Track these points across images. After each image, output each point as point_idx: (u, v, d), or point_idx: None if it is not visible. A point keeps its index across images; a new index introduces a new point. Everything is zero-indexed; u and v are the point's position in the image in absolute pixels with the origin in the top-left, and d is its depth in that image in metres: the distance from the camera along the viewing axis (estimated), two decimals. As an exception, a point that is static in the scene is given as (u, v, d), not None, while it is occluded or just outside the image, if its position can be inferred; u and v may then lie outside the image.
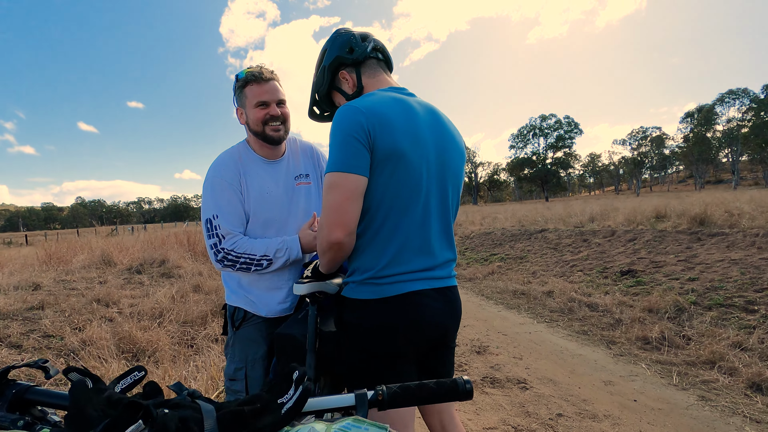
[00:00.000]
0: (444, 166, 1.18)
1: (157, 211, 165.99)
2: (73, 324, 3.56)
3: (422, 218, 1.14)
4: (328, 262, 1.16)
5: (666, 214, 8.76)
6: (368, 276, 1.11)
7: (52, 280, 5.33)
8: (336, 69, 1.27)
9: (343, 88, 1.29)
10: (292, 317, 1.35)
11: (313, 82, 1.34)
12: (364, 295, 1.12)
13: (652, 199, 19.12)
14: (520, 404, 2.65)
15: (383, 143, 1.06)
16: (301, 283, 1.22)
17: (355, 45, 1.24)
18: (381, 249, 1.11)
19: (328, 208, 1.05)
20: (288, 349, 1.20)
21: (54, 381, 2.75)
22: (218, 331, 4.04)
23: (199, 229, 12.78)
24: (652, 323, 3.99)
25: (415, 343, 1.12)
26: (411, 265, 1.12)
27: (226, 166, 1.50)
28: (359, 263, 1.14)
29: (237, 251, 1.42)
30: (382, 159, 1.07)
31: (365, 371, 1.11)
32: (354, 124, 1.06)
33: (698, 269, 5.20)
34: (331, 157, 1.08)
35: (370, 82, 1.25)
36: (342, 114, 1.09)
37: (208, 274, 6.38)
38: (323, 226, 1.08)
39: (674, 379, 2.92)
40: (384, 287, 1.10)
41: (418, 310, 1.11)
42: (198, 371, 2.85)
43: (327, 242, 1.07)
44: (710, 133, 62.70)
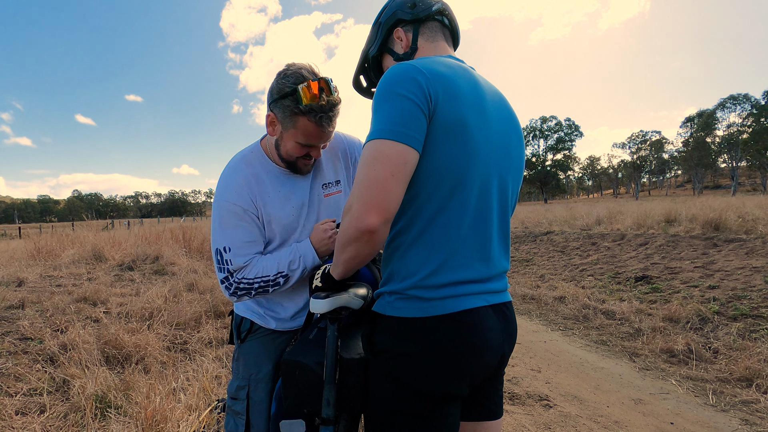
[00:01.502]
0: (507, 154, 0.94)
1: (155, 206, 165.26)
2: (55, 325, 3.28)
3: (483, 214, 0.88)
4: (349, 260, 0.88)
5: (676, 219, 8.53)
6: (410, 284, 0.86)
7: (38, 276, 5.04)
8: (392, 27, 1.05)
9: (394, 48, 1.07)
10: (302, 337, 1.09)
11: (364, 45, 1.14)
12: (405, 312, 0.86)
13: (653, 202, 18.94)
14: (546, 425, 2.40)
15: (445, 111, 0.81)
16: (319, 298, 0.93)
17: (419, 0, 1.05)
18: (430, 250, 0.86)
19: (366, 185, 0.79)
20: (299, 380, 0.95)
21: None
22: (213, 334, 3.78)
23: (195, 225, 12.51)
24: (675, 334, 3.75)
25: (473, 375, 0.86)
26: (466, 273, 0.86)
27: (238, 189, 1.23)
28: (398, 266, 0.89)
29: (248, 278, 1.19)
30: (441, 132, 0.82)
31: (403, 415, 0.84)
32: (410, 82, 0.81)
33: (718, 276, 4.97)
34: (375, 121, 0.83)
35: (426, 45, 1.04)
36: (394, 71, 0.84)
37: (203, 271, 6.11)
38: (353, 207, 0.81)
39: (710, 398, 2.68)
40: (433, 303, 0.85)
41: (476, 332, 0.86)
42: (189, 381, 2.59)
43: (356, 229, 0.80)
44: (710, 138, 62.73)
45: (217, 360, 3.22)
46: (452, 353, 0.83)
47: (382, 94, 0.84)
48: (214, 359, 3.21)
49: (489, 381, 0.97)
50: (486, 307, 0.89)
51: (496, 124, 0.92)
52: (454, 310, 0.84)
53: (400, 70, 0.84)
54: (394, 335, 0.87)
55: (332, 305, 0.92)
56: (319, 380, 0.92)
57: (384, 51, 1.11)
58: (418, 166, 0.83)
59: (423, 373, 0.83)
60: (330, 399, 0.90)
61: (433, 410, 0.84)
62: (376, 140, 0.80)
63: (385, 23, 1.07)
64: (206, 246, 8.23)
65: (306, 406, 0.94)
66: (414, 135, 0.80)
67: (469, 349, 0.84)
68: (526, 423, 2.43)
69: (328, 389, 0.90)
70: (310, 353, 0.97)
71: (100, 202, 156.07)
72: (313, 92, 1.11)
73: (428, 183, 0.85)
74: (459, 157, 0.84)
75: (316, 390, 0.92)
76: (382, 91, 0.84)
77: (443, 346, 0.83)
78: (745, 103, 59.64)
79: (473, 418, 0.98)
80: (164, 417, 1.80)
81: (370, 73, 1.17)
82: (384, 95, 0.83)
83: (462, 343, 0.84)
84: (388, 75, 0.85)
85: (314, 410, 0.93)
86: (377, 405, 0.88)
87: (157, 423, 1.77)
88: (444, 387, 0.84)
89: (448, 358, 0.83)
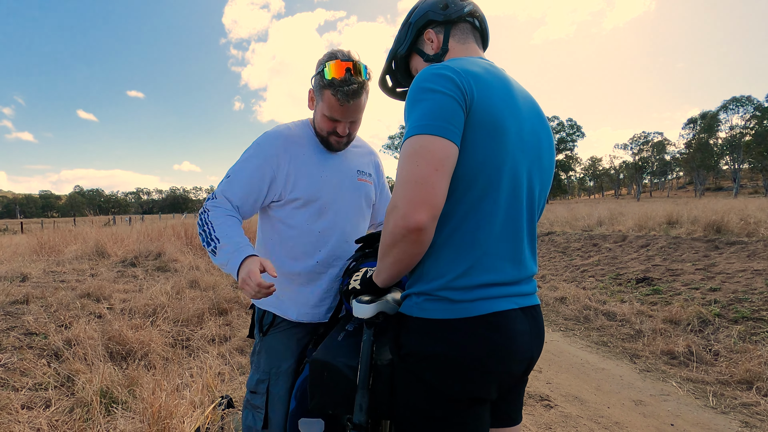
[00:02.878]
0: (538, 156, 0.94)
1: (156, 202, 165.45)
2: (59, 321, 3.30)
3: (513, 216, 0.88)
4: (394, 263, 0.86)
5: (678, 220, 8.53)
6: (439, 285, 0.85)
7: (42, 271, 5.06)
8: (423, 27, 1.05)
9: (424, 49, 1.06)
10: (330, 338, 1.07)
11: (392, 45, 1.12)
12: (434, 314, 0.84)
13: (654, 204, 18.92)
14: (546, 425, 2.42)
15: (480, 110, 0.82)
16: (362, 302, 0.91)
17: (451, 2, 1.04)
18: (461, 251, 0.85)
19: (411, 182, 0.77)
20: (326, 381, 0.93)
21: None
22: (215, 331, 3.80)
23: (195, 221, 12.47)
24: (676, 336, 3.76)
25: (501, 379, 0.85)
26: (496, 275, 0.86)
27: (274, 138, 1.33)
28: (428, 267, 0.87)
29: (209, 216, 1.23)
30: (475, 131, 0.82)
31: (432, 419, 0.84)
32: (446, 80, 0.82)
33: (719, 279, 4.97)
34: (413, 118, 0.82)
35: (457, 47, 1.03)
36: (428, 71, 0.85)
37: (206, 269, 6.13)
38: (397, 206, 0.79)
39: (710, 400, 2.69)
40: (463, 305, 0.83)
41: (506, 335, 0.84)
42: (192, 378, 2.61)
43: (403, 227, 0.78)
44: (713, 140, 62.57)
45: (220, 357, 3.24)
46: (482, 356, 0.82)
47: (418, 91, 0.84)
48: (217, 356, 3.23)
49: (513, 386, 0.96)
50: (516, 309, 0.87)
51: (528, 125, 0.91)
52: (484, 313, 0.83)
53: (433, 70, 0.85)
54: (422, 337, 0.85)
55: (376, 310, 0.91)
56: (349, 384, 0.91)
57: (413, 51, 1.10)
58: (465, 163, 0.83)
59: (452, 376, 0.82)
60: (363, 404, 0.88)
61: (461, 414, 0.83)
62: (417, 136, 0.79)
63: (415, 23, 1.06)
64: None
65: (331, 408, 0.93)
66: (454, 129, 0.80)
67: (499, 352, 0.83)
68: (527, 423, 2.44)
69: (361, 394, 0.89)
70: (341, 355, 0.96)
71: (102, 198, 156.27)
72: (338, 69, 1.20)
73: (461, 182, 0.84)
74: (492, 156, 0.84)
75: (343, 393, 0.91)
76: (418, 88, 0.84)
77: (473, 348, 0.82)
78: (748, 105, 59.42)
79: (493, 424, 0.96)
80: (170, 413, 1.82)
81: (396, 74, 1.16)
82: (420, 92, 0.83)
83: (492, 345, 0.83)
84: (422, 74, 0.86)
85: (339, 413, 0.92)
86: (406, 408, 0.87)
87: (163, 419, 1.79)
88: (473, 390, 0.83)
89: (477, 360, 0.82)
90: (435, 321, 0.84)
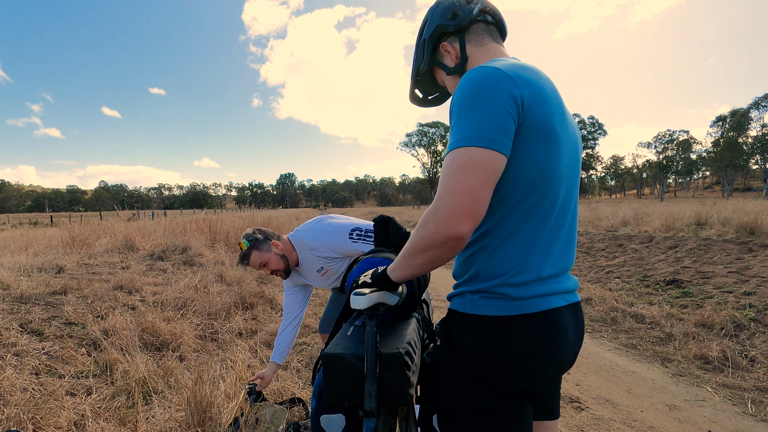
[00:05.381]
0: (576, 157, 0.96)
1: (177, 198, 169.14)
2: (96, 311, 3.42)
3: (563, 217, 0.91)
4: (424, 264, 0.88)
5: (708, 221, 8.27)
6: (496, 283, 0.88)
7: (75, 264, 5.24)
8: (437, 41, 1.04)
9: (444, 62, 1.05)
10: (341, 333, 1.12)
11: (413, 61, 1.12)
12: (490, 311, 0.88)
13: (680, 204, 18.37)
14: (578, 427, 2.39)
15: (536, 116, 0.83)
16: (359, 295, 0.95)
17: (459, 9, 1.02)
18: (518, 251, 0.88)
19: (457, 193, 0.79)
20: (339, 374, 0.97)
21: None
22: (242, 325, 3.87)
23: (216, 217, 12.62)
24: (709, 340, 3.66)
25: (553, 374, 0.90)
26: (547, 270, 0.89)
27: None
28: (484, 267, 0.90)
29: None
30: (533, 136, 0.83)
31: (485, 413, 0.87)
32: (497, 87, 0.81)
33: (754, 282, 4.81)
34: (463, 128, 0.82)
35: (476, 51, 1.02)
36: (478, 77, 0.84)
37: (230, 264, 6.24)
38: (440, 214, 0.81)
39: (749, 407, 2.61)
40: (520, 302, 0.87)
41: (558, 331, 0.89)
42: (225, 370, 2.67)
43: (444, 235, 0.80)
44: (742, 138, 60.34)
45: (248, 350, 3.30)
46: (537, 352, 0.86)
47: (468, 99, 0.83)
48: (245, 349, 3.29)
49: (558, 380, 1.02)
50: (564, 306, 0.92)
51: (570, 124, 0.94)
52: (539, 310, 0.87)
53: (484, 76, 0.84)
54: (477, 333, 0.89)
55: (371, 302, 0.94)
56: (358, 374, 0.94)
57: (434, 65, 1.09)
58: (510, 168, 0.85)
59: (510, 370, 0.85)
60: (372, 392, 0.91)
61: (514, 408, 0.87)
62: (467, 148, 0.80)
63: (429, 39, 1.05)
64: (231, 238, 8.40)
65: (346, 400, 0.96)
66: (504, 141, 0.80)
67: (553, 347, 0.87)
68: (559, 425, 2.41)
69: (369, 382, 0.92)
70: (349, 347, 0.99)
71: (125, 193, 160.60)
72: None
73: (521, 185, 0.86)
74: (550, 160, 0.86)
75: (355, 383, 0.94)
76: (468, 96, 0.84)
77: (530, 344, 0.86)
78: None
79: (536, 417, 1.01)
80: (210, 403, 1.87)
81: (425, 86, 1.16)
82: (470, 101, 0.83)
83: (548, 341, 0.87)
84: (472, 80, 0.85)
85: (354, 404, 0.95)
86: (454, 401, 0.90)
87: (203, 410, 1.84)
88: (528, 385, 0.86)
89: (533, 356, 0.86)
90: (492, 318, 0.88)
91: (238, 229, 9.19)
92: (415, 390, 1.02)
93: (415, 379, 0.99)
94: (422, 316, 1.22)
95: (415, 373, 0.99)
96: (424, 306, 1.27)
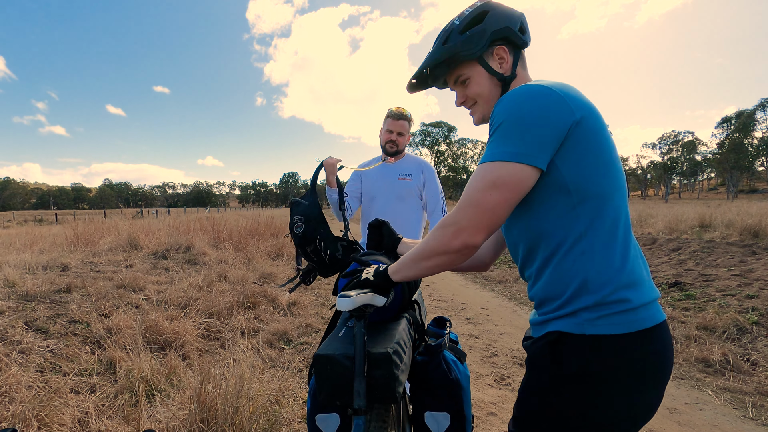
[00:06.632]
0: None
1: (180, 196, 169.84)
2: (100, 310, 3.45)
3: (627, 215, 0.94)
4: (433, 268, 0.92)
5: (711, 224, 8.24)
6: (611, 289, 0.84)
7: (80, 262, 5.29)
8: (495, 41, 1.01)
9: (491, 64, 1.02)
10: (332, 334, 1.15)
11: (454, 42, 1.02)
12: (612, 329, 0.83)
13: (685, 206, 18.30)
14: (578, 430, 2.39)
15: (595, 128, 0.87)
16: (345, 297, 0.96)
17: (526, 27, 1.04)
18: (616, 250, 0.86)
19: (481, 207, 0.84)
20: (330, 373, 1.00)
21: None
22: (245, 324, 3.90)
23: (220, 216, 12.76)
24: (710, 343, 3.65)
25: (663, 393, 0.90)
26: (650, 281, 0.89)
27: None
28: (590, 273, 0.85)
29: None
30: (595, 143, 0.87)
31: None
32: (552, 108, 0.84)
33: (757, 286, 4.79)
34: (505, 142, 0.85)
35: (523, 72, 1.05)
36: (533, 94, 0.85)
37: (233, 263, 6.28)
38: (460, 224, 0.85)
39: (749, 411, 2.61)
40: (637, 317, 0.83)
41: (669, 343, 0.87)
42: (227, 368, 2.69)
43: (462, 243, 0.85)
44: (747, 140, 59.96)
45: (250, 349, 3.33)
46: (661, 366, 0.85)
47: (519, 117, 0.84)
48: (247, 348, 3.31)
49: None
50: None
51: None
52: (655, 323, 0.85)
53: (538, 95, 0.85)
54: (601, 355, 0.83)
55: (357, 303, 0.96)
56: (348, 372, 0.97)
57: (474, 59, 1.03)
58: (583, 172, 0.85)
59: (637, 389, 0.83)
60: (360, 390, 0.94)
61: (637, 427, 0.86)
62: (502, 163, 0.83)
63: (493, 33, 0.99)
64: (234, 237, 8.44)
65: (338, 398, 0.99)
66: (541, 156, 0.83)
67: (669, 361, 0.87)
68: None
69: (358, 381, 0.94)
70: (339, 348, 1.02)
71: (129, 191, 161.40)
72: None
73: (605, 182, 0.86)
74: (616, 164, 0.89)
75: (346, 382, 0.97)
76: (520, 115, 0.84)
77: (653, 360, 0.84)
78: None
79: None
80: (214, 404, 1.89)
81: (437, 71, 1.08)
82: (520, 119, 0.84)
83: (665, 355, 0.86)
84: (526, 96, 0.85)
85: (345, 402, 0.98)
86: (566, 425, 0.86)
87: (208, 409, 1.86)
88: (652, 401, 0.85)
89: (658, 371, 0.84)
90: (614, 336, 0.83)
91: (241, 228, 9.23)
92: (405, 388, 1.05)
93: (404, 378, 1.01)
94: (413, 316, 1.24)
95: (404, 372, 1.01)
96: (416, 306, 1.30)
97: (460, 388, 1.12)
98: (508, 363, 3.43)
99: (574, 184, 0.85)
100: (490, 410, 2.65)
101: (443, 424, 1.11)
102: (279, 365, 3.15)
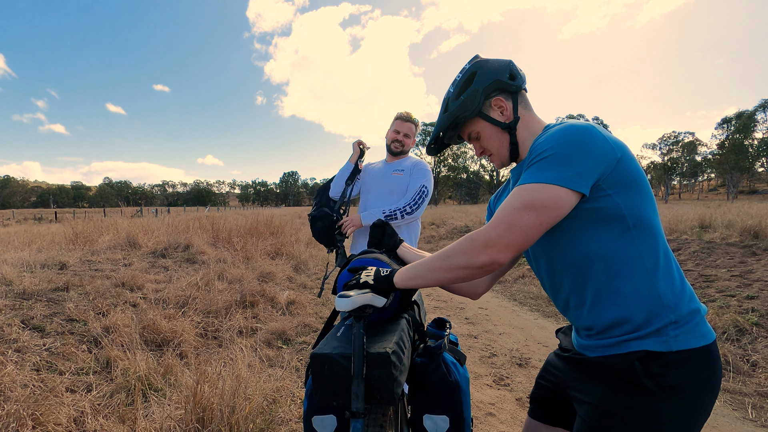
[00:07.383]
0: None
1: (180, 195, 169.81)
2: (97, 308, 3.44)
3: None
4: (450, 280, 0.94)
5: (711, 224, 8.23)
6: (681, 308, 0.91)
7: (78, 260, 5.27)
8: (489, 94, 1.09)
9: (492, 115, 1.10)
10: (330, 334, 1.13)
11: (452, 108, 1.12)
12: (692, 343, 0.89)
13: (685, 206, 18.29)
14: None
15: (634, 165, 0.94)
16: (344, 297, 0.95)
17: (516, 73, 1.09)
18: (672, 265, 0.94)
19: (517, 228, 0.86)
20: (326, 374, 0.98)
21: None
22: (243, 323, 3.88)
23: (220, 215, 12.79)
24: (710, 344, 3.64)
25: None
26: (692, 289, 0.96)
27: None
28: (663, 288, 0.91)
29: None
30: (640, 178, 0.94)
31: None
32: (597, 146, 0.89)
33: (757, 286, 4.78)
34: (545, 168, 0.89)
35: (526, 114, 1.10)
36: (580, 130, 0.91)
37: (232, 261, 6.26)
38: (492, 239, 0.87)
39: (749, 412, 2.60)
40: (707, 324, 0.93)
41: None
42: (225, 368, 2.68)
43: (490, 258, 0.87)
44: (748, 140, 59.96)
45: (248, 349, 3.31)
46: (720, 377, 0.93)
47: (565, 150, 0.88)
48: (245, 347, 3.30)
49: None
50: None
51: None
52: (713, 335, 0.93)
53: (584, 131, 0.90)
54: (690, 367, 0.88)
55: (356, 304, 0.95)
56: (345, 372, 0.95)
57: (477, 116, 1.11)
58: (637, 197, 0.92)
59: (713, 396, 0.91)
60: (359, 393, 0.92)
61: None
62: (543, 186, 0.87)
63: (485, 89, 1.07)
64: (233, 236, 8.43)
65: (335, 399, 0.97)
66: (586, 183, 0.88)
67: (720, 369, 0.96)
68: (557, 427, 2.41)
69: (356, 384, 0.93)
70: (337, 347, 1.00)
71: (129, 190, 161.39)
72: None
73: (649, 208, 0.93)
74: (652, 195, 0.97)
75: (343, 382, 0.95)
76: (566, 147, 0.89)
77: (720, 368, 0.93)
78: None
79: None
80: (210, 403, 1.87)
81: (450, 132, 1.17)
82: (564, 151, 0.88)
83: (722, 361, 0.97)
84: (571, 131, 0.90)
85: (342, 403, 0.96)
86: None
87: (204, 409, 1.85)
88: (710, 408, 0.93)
89: (717, 382, 0.92)
90: (697, 349, 0.90)
91: (240, 227, 9.22)
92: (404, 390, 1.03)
93: (403, 379, 1.00)
94: (412, 317, 1.23)
95: (403, 373, 0.99)
96: (416, 307, 1.28)
97: (459, 390, 1.10)
98: (507, 363, 3.42)
99: (628, 209, 0.90)
100: (488, 411, 2.64)
101: (442, 427, 1.10)
102: (277, 365, 3.14)
